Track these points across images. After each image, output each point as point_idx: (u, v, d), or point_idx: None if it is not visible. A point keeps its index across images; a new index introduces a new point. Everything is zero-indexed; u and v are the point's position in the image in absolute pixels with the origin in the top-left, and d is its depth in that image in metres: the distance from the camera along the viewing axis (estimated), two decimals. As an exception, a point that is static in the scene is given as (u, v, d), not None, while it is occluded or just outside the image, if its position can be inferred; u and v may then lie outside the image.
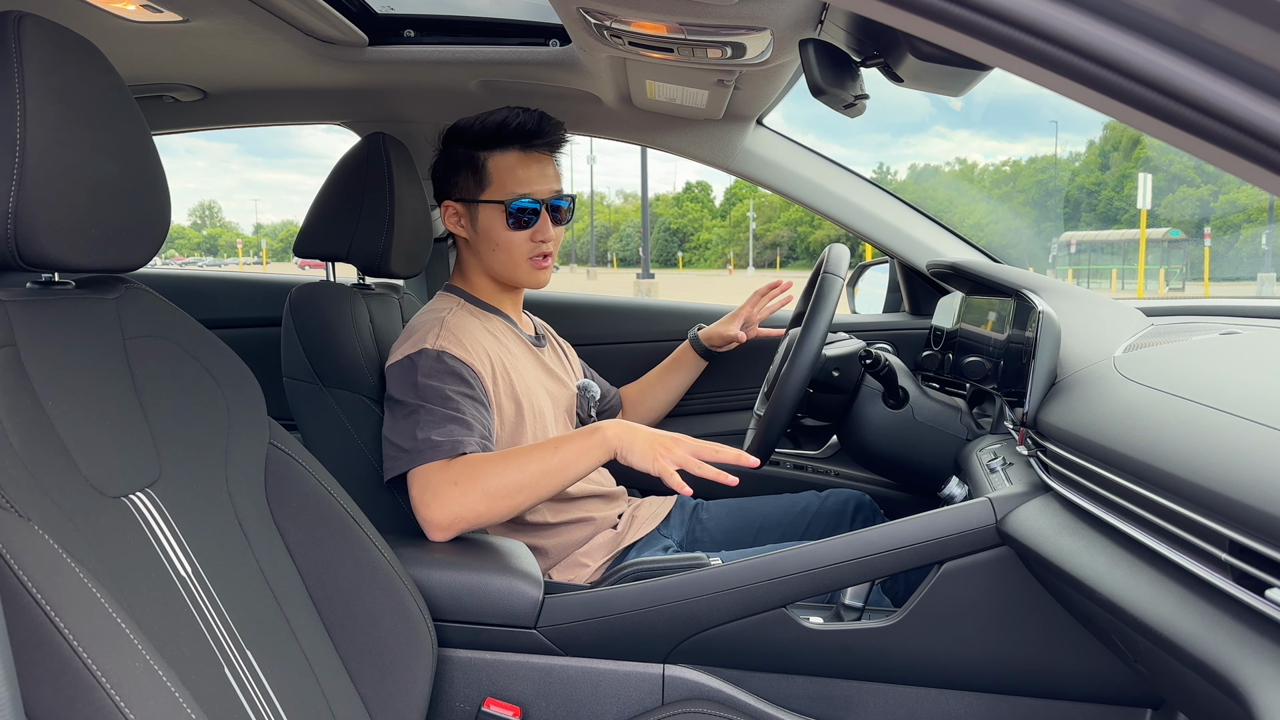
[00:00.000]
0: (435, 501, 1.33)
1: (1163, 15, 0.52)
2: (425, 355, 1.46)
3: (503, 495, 1.33)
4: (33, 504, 0.78)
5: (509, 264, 1.61)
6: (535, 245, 1.60)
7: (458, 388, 1.44)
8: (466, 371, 1.47)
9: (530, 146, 1.59)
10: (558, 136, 1.63)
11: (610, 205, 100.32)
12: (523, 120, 1.58)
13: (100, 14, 1.59)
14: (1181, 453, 0.85)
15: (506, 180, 1.58)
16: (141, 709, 0.70)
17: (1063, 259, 34.13)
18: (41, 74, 0.84)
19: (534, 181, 1.59)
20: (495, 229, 1.59)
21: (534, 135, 1.58)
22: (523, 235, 1.59)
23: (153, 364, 1.01)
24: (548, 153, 1.62)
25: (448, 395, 1.42)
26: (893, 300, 2.37)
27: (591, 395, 1.77)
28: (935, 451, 1.65)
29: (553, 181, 1.61)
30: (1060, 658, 1.22)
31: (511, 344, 1.62)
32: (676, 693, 1.27)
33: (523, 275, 1.62)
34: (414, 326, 1.56)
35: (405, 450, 1.38)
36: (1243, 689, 0.69)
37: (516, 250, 1.60)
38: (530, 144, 1.59)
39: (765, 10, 1.26)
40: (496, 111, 1.59)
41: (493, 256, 1.61)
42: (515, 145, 1.59)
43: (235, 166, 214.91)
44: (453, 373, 1.45)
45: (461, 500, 1.32)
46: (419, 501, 1.35)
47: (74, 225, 0.88)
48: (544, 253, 1.61)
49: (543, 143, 1.60)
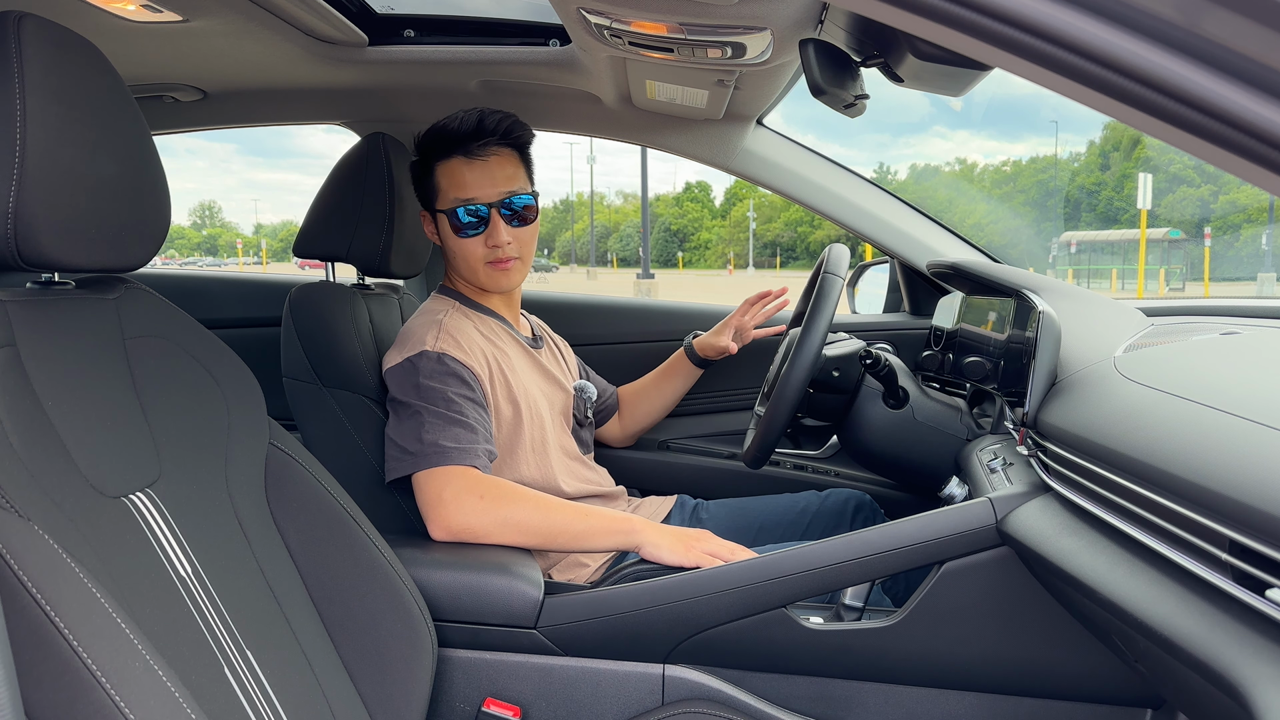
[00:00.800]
0: (454, 508, 1.35)
1: (1163, 15, 0.52)
2: (426, 357, 1.46)
3: (518, 531, 1.36)
4: (33, 504, 0.78)
5: (468, 269, 1.60)
6: (490, 250, 1.57)
7: (459, 390, 1.44)
8: (466, 374, 1.47)
9: (470, 150, 1.55)
10: (508, 132, 1.56)
11: (610, 205, 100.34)
12: (460, 124, 1.54)
13: (100, 14, 1.59)
14: (1182, 453, 0.85)
15: (449, 187, 1.56)
16: (141, 709, 0.70)
17: (1063, 259, 34.13)
18: (41, 74, 0.84)
19: (477, 186, 1.55)
20: (448, 237, 1.59)
21: (471, 138, 1.54)
22: (474, 241, 1.57)
23: (153, 364, 1.01)
24: (498, 152, 1.57)
25: (450, 398, 1.42)
26: (893, 300, 2.37)
27: (588, 396, 1.77)
28: (935, 451, 1.65)
29: (501, 183, 1.56)
30: (1060, 658, 1.22)
31: (507, 345, 1.62)
32: (676, 693, 1.27)
33: (483, 279, 1.61)
34: (411, 329, 1.56)
35: (410, 453, 1.39)
36: (1243, 689, 0.69)
37: (471, 256, 1.58)
38: (469, 147, 1.55)
39: (765, 10, 1.27)
40: (446, 117, 1.57)
41: (454, 263, 1.62)
42: (457, 151, 1.55)
43: (235, 166, 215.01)
44: (454, 374, 1.46)
45: (480, 517, 1.35)
46: (434, 502, 1.36)
47: (74, 225, 0.88)
48: (501, 256, 1.57)
49: (484, 144, 1.55)
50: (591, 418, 1.79)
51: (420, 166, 1.62)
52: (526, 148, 1.63)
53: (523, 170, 1.61)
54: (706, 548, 1.35)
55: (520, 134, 1.59)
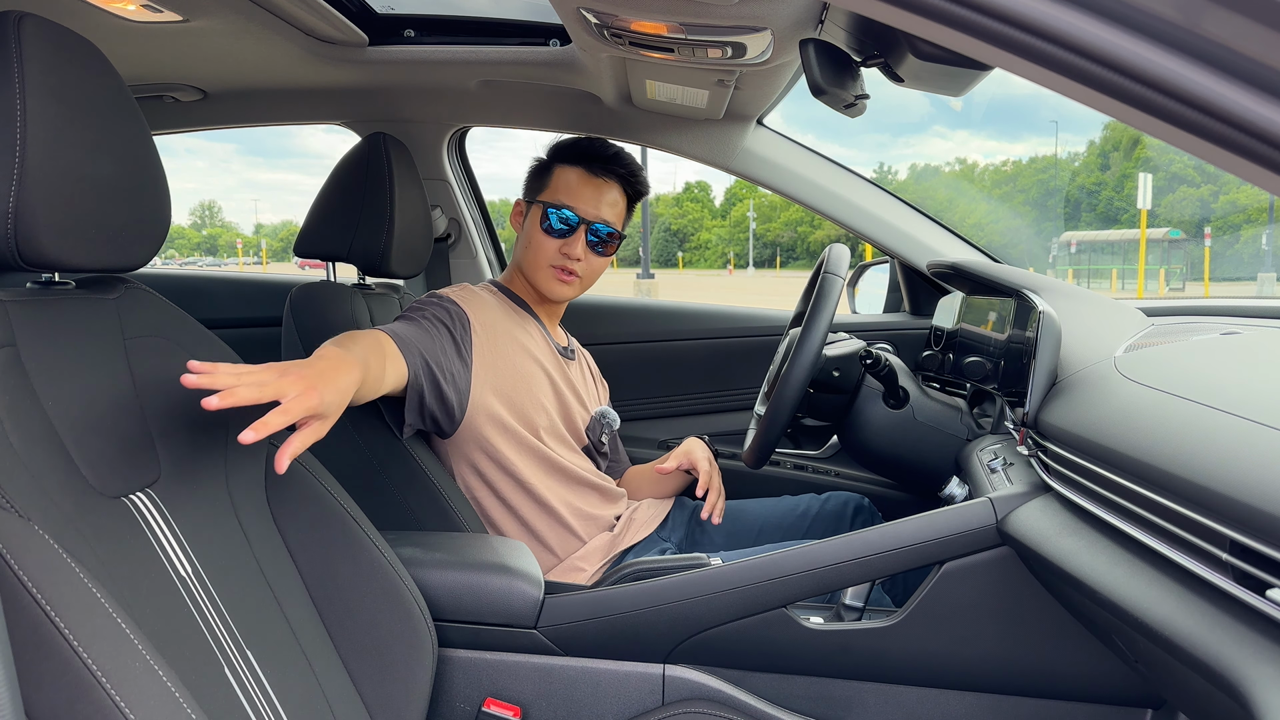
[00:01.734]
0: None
1: (1163, 15, 0.52)
2: (430, 294, 1.57)
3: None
4: (33, 504, 0.78)
5: (533, 264, 1.67)
6: (561, 257, 1.64)
7: (438, 314, 1.51)
8: (457, 312, 1.53)
9: (594, 170, 1.66)
10: (628, 174, 1.68)
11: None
12: (600, 146, 1.68)
13: (100, 14, 1.59)
14: (1182, 453, 0.85)
15: (559, 188, 1.66)
16: (141, 709, 0.70)
17: (1063, 259, 34.12)
18: (41, 74, 0.84)
19: (583, 199, 1.65)
20: (533, 227, 1.67)
21: (600, 161, 1.66)
22: (553, 243, 1.64)
23: (153, 364, 1.01)
24: (613, 184, 1.67)
25: (425, 316, 1.49)
26: (893, 300, 2.37)
27: (608, 422, 1.76)
28: (936, 451, 1.65)
29: (604, 209, 1.66)
30: (1061, 658, 1.22)
31: (537, 342, 1.66)
32: (677, 693, 1.27)
33: (543, 279, 1.67)
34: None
35: None
36: (1243, 689, 0.69)
37: (542, 253, 1.65)
38: (594, 167, 1.66)
39: (765, 10, 1.26)
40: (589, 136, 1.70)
41: (525, 252, 1.68)
42: (582, 164, 1.66)
43: (235, 166, 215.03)
44: (443, 308, 1.53)
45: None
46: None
47: (74, 225, 0.88)
48: (568, 267, 1.65)
49: (607, 169, 1.66)
50: (606, 446, 1.77)
51: (544, 162, 1.72)
52: (637, 199, 1.74)
53: (625, 212, 1.72)
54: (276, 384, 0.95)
55: (640, 183, 1.72)
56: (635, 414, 2.29)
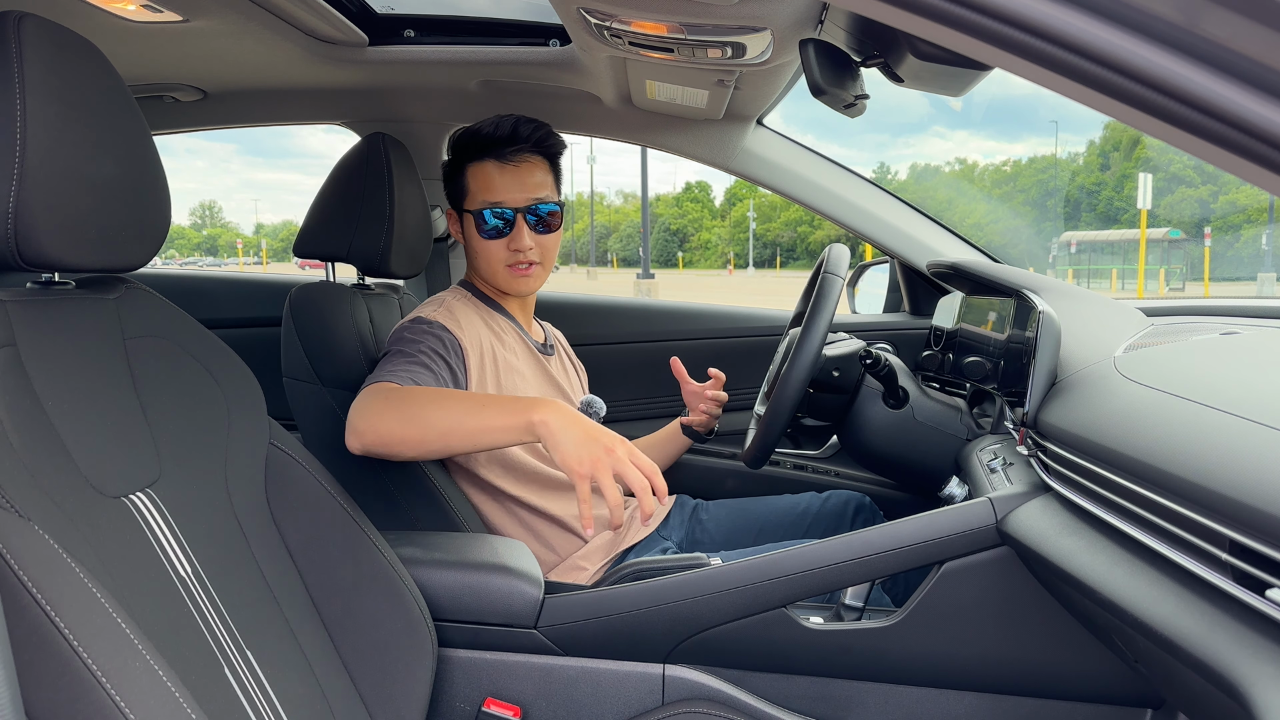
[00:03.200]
0: (359, 415, 1.30)
1: (1163, 15, 0.52)
2: (419, 322, 1.52)
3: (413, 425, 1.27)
4: (33, 504, 0.78)
5: (489, 271, 1.64)
6: (511, 254, 1.60)
7: (434, 346, 1.47)
8: (449, 339, 1.50)
9: (504, 155, 1.58)
10: (541, 141, 1.60)
11: (610, 205, 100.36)
12: (495, 128, 1.58)
13: (100, 14, 1.59)
14: (1182, 453, 0.85)
15: (480, 190, 1.60)
16: (141, 709, 0.70)
17: (1063, 259, 34.13)
18: (41, 74, 0.84)
19: (506, 190, 1.58)
20: (473, 237, 1.63)
21: (506, 143, 1.58)
22: (498, 244, 1.60)
23: (153, 364, 1.01)
24: (529, 159, 1.60)
25: (421, 349, 1.46)
26: (893, 300, 2.37)
27: (596, 411, 1.76)
28: (935, 451, 1.65)
29: (531, 190, 1.59)
30: (1060, 658, 1.22)
31: (514, 344, 1.63)
32: (677, 693, 1.27)
33: (502, 282, 1.64)
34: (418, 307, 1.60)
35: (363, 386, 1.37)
36: (1243, 689, 0.69)
37: (493, 258, 1.62)
38: (503, 152, 1.58)
39: (765, 10, 1.27)
40: (482, 120, 1.60)
41: (476, 263, 1.65)
42: (490, 154, 1.59)
43: (235, 166, 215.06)
44: (435, 336, 1.49)
45: (379, 416, 1.29)
46: (351, 414, 1.32)
47: (74, 225, 0.88)
48: (521, 261, 1.61)
49: (517, 150, 1.58)
50: None
51: (451, 166, 1.65)
52: (557, 158, 1.67)
53: (551, 179, 1.64)
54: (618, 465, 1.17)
55: (553, 144, 1.63)
56: (634, 414, 2.29)
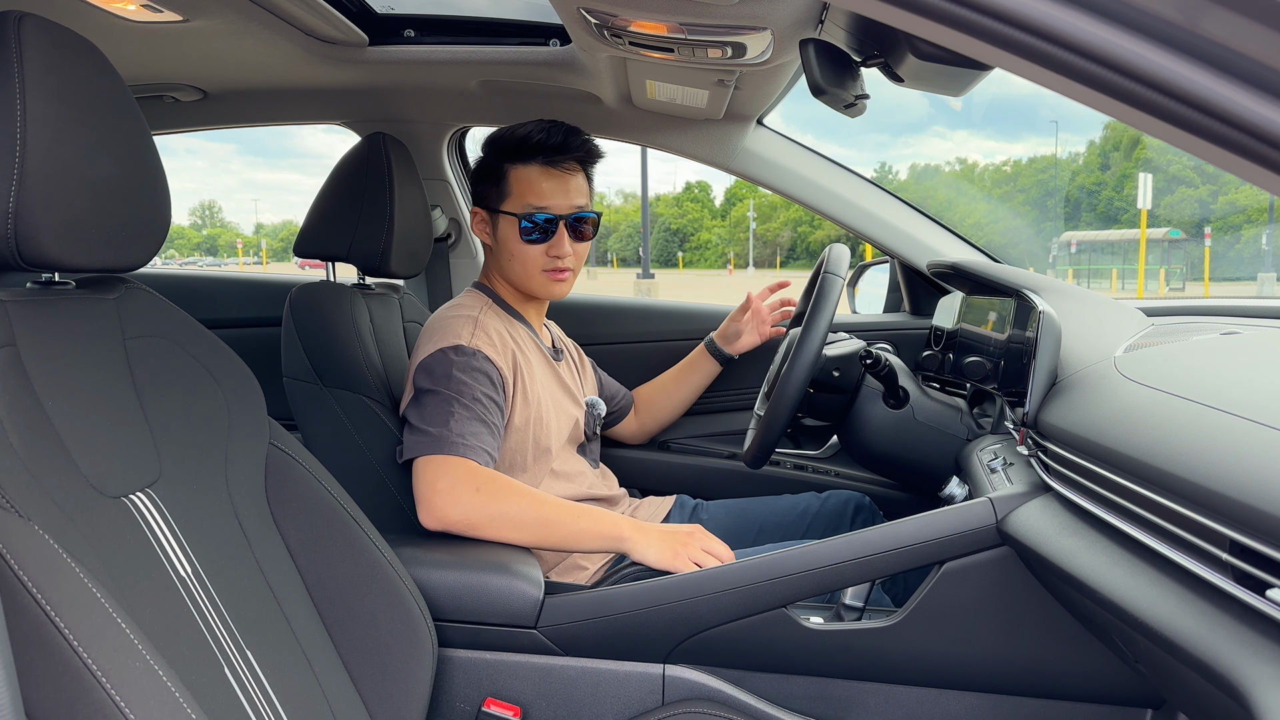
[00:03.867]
0: (449, 498, 1.35)
1: (1163, 15, 0.52)
2: (462, 352, 1.48)
3: (509, 526, 1.36)
4: (33, 504, 0.78)
5: (523, 275, 1.62)
6: (550, 260, 1.60)
7: (488, 390, 1.46)
8: (495, 374, 1.49)
9: (553, 161, 1.59)
10: (585, 152, 1.62)
11: (610, 205, 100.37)
12: (547, 135, 1.58)
13: (100, 14, 1.59)
14: (1182, 453, 0.85)
15: (525, 193, 1.59)
16: (142, 709, 0.70)
17: (1063, 259, 34.13)
18: (41, 74, 0.84)
19: (552, 196, 1.59)
20: (511, 240, 1.61)
21: (556, 151, 1.58)
22: (538, 249, 1.60)
23: (153, 364, 1.01)
24: (574, 168, 1.61)
25: (478, 396, 1.44)
26: (893, 300, 2.37)
27: (598, 413, 1.78)
28: (936, 451, 1.65)
29: (575, 197, 1.61)
30: (1061, 658, 1.22)
31: (531, 353, 1.63)
32: (677, 693, 1.27)
33: (537, 286, 1.63)
34: (446, 320, 1.55)
35: (432, 436, 1.39)
36: (1243, 689, 0.69)
37: (531, 262, 1.61)
38: (553, 158, 1.59)
39: (765, 10, 1.27)
40: (525, 124, 1.60)
41: (509, 266, 1.63)
42: (537, 159, 1.59)
43: (235, 166, 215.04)
44: (484, 374, 1.47)
45: (474, 509, 1.35)
46: (430, 488, 1.36)
47: (74, 225, 0.88)
48: (560, 267, 1.61)
49: (566, 158, 1.60)
50: (598, 433, 1.79)
51: (488, 166, 1.63)
52: (593, 168, 1.68)
53: (589, 187, 1.66)
54: (694, 552, 1.34)
55: (596, 156, 1.65)
56: None
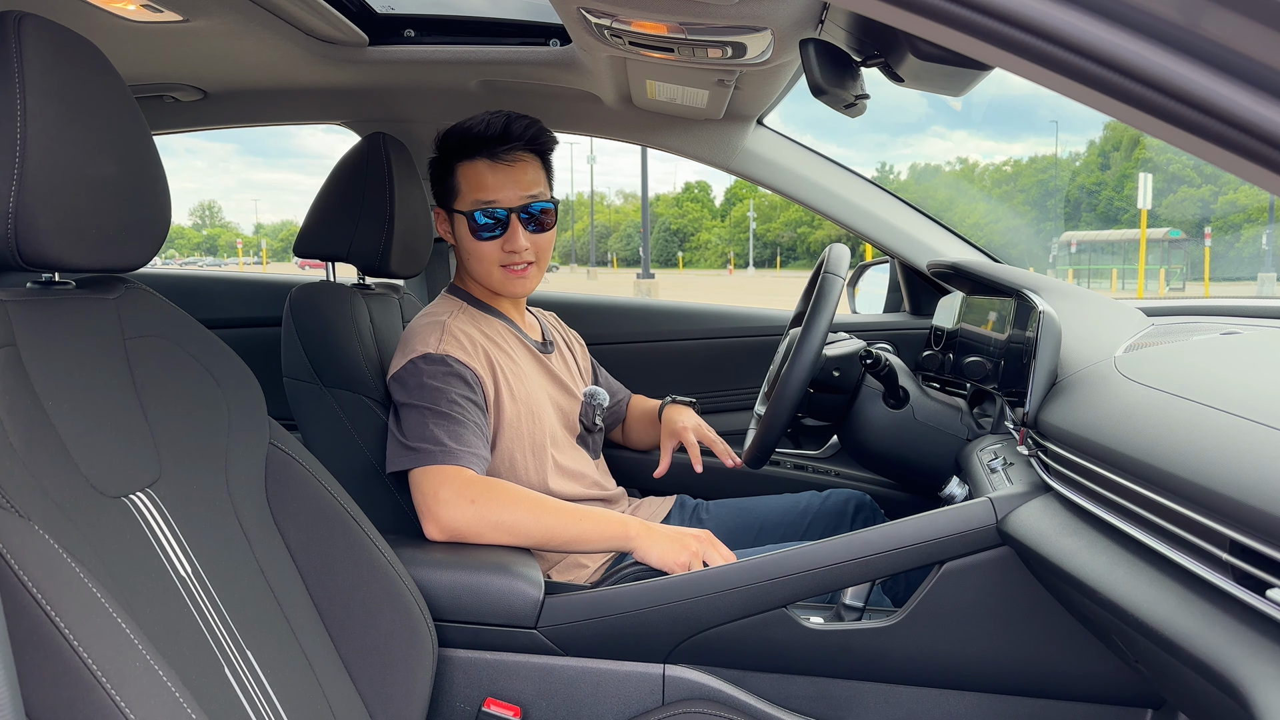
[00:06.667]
0: (449, 508, 1.35)
1: (1163, 15, 0.52)
2: (430, 359, 1.47)
3: (511, 533, 1.36)
4: (33, 504, 0.78)
5: (482, 272, 1.60)
6: (506, 255, 1.56)
7: (462, 391, 1.45)
8: (469, 374, 1.48)
9: (495, 154, 1.54)
10: (534, 139, 1.56)
11: (610, 205, 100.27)
12: (486, 126, 1.53)
13: (100, 14, 1.59)
14: (1182, 453, 0.85)
15: (471, 189, 1.55)
16: (142, 709, 0.70)
17: (1063, 259, 34.13)
18: (41, 74, 0.84)
19: (499, 189, 1.54)
20: (465, 238, 1.58)
21: (498, 142, 1.53)
22: (491, 245, 1.56)
23: (153, 364, 1.01)
24: (522, 157, 1.56)
25: (453, 399, 1.43)
26: (893, 300, 2.37)
27: (599, 402, 1.75)
28: (936, 451, 1.65)
29: (525, 187, 1.55)
30: (1061, 658, 1.22)
31: (514, 349, 1.61)
32: (677, 693, 1.27)
33: (497, 283, 1.60)
34: (414, 330, 1.55)
35: (411, 449, 1.39)
36: (1243, 689, 0.69)
37: (486, 259, 1.57)
38: (495, 151, 1.54)
39: (765, 10, 1.27)
40: (470, 118, 1.56)
41: (469, 262, 1.61)
42: (481, 153, 1.54)
43: (235, 166, 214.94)
44: (456, 375, 1.46)
45: (474, 518, 1.35)
46: (430, 499, 1.36)
47: (74, 225, 0.88)
48: (516, 262, 1.57)
49: (510, 149, 1.54)
50: (601, 424, 1.77)
51: (440, 164, 1.61)
52: (549, 154, 1.63)
53: (544, 176, 1.61)
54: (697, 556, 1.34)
55: (545, 141, 1.59)
56: None
